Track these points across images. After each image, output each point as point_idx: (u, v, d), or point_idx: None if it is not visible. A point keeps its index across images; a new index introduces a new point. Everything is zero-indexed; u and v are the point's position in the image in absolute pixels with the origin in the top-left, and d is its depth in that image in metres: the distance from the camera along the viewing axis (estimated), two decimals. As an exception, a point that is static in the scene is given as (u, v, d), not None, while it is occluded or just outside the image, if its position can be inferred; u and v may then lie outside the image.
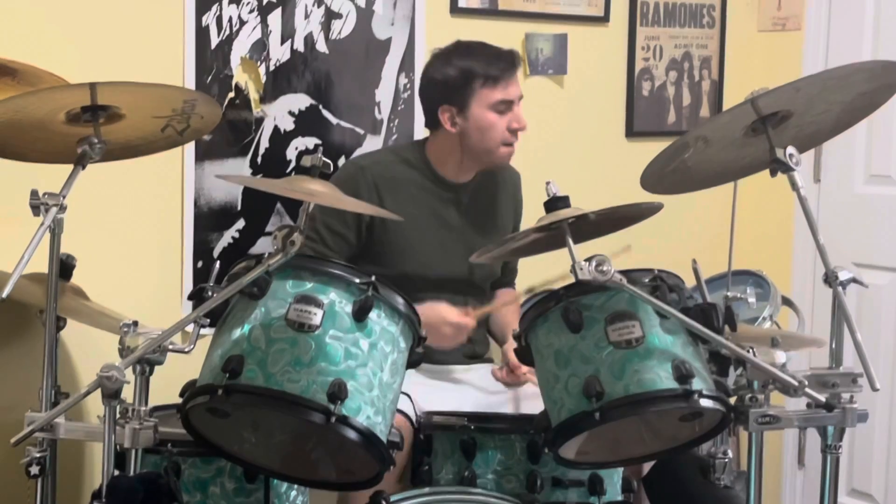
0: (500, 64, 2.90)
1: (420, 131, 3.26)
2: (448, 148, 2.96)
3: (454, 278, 2.95)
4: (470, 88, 2.88)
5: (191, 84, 3.03)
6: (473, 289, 3.01)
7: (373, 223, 2.91)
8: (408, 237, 2.88)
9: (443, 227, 2.97)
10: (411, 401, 2.57)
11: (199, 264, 3.10)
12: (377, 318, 2.15)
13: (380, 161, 3.01)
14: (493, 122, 2.90)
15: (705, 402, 2.14)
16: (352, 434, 2.07)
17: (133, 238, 3.01)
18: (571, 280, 2.14)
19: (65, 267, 2.45)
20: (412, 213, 2.85)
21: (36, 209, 2.16)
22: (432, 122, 2.98)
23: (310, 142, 3.24)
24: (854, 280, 2.26)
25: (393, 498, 2.34)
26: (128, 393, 2.07)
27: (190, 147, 3.03)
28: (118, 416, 2.08)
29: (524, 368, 2.81)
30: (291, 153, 3.21)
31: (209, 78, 3.07)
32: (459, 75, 2.89)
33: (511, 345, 2.86)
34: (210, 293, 2.12)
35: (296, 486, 2.47)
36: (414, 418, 2.56)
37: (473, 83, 2.88)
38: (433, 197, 2.98)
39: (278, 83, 3.18)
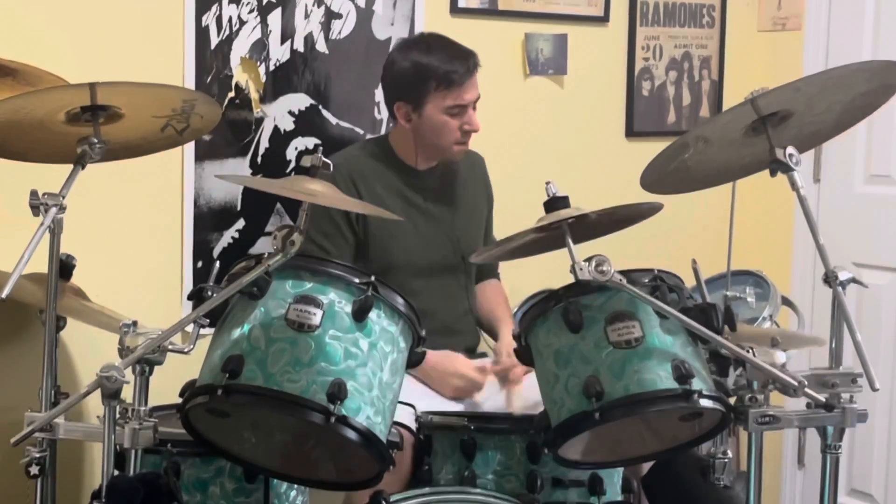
0: (457, 67, 2.88)
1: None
2: (407, 139, 2.98)
3: (439, 263, 2.97)
4: (425, 88, 2.88)
5: (191, 84, 3.03)
6: (460, 272, 3.02)
7: (358, 218, 2.91)
8: (388, 228, 2.88)
9: (418, 214, 2.98)
10: (414, 410, 2.56)
11: (199, 264, 3.10)
12: (377, 317, 2.15)
13: (350, 157, 3.02)
14: (446, 123, 2.90)
15: (705, 402, 2.14)
16: (351, 434, 2.07)
17: (133, 238, 3.01)
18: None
19: (65, 267, 2.45)
20: (389, 203, 2.87)
21: (36, 209, 2.16)
22: (392, 114, 3.00)
23: (309, 142, 3.24)
24: (854, 280, 2.25)
25: (393, 498, 2.34)
26: (128, 393, 2.07)
27: (190, 147, 3.03)
28: (118, 416, 2.08)
29: (519, 371, 2.80)
30: (291, 153, 3.21)
31: (209, 78, 3.07)
32: (416, 74, 2.89)
33: (503, 345, 2.87)
34: (210, 293, 2.12)
35: (296, 486, 2.47)
36: (414, 428, 2.55)
37: (429, 83, 2.88)
38: (403, 185, 2.99)
39: (278, 83, 3.18)
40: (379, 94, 3.31)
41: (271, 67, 3.16)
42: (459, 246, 2.98)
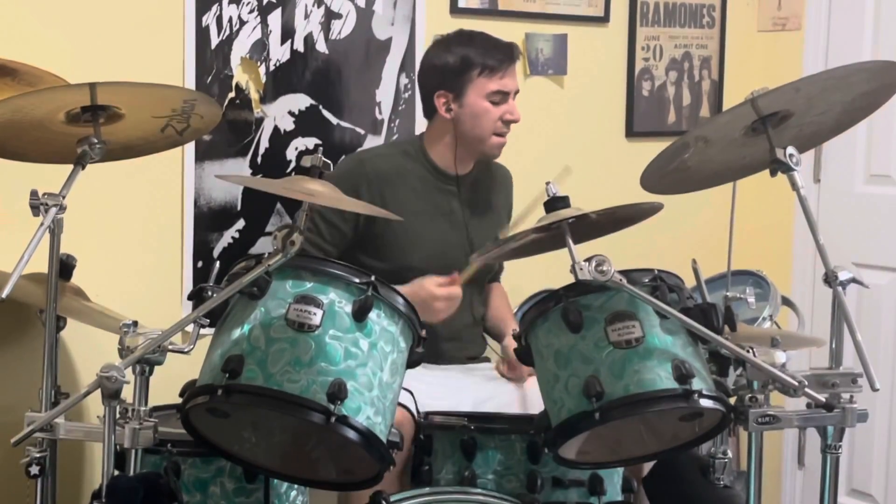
0: (498, 55, 2.93)
1: (420, 131, 3.26)
2: (443, 136, 2.98)
3: (456, 269, 2.95)
4: (467, 76, 2.91)
5: (191, 84, 3.03)
6: (474, 280, 3.02)
7: (373, 216, 2.91)
8: (409, 229, 2.88)
9: (443, 219, 2.98)
10: (413, 396, 2.56)
11: (199, 264, 3.10)
12: (377, 317, 2.15)
13: (379, 154, 3.05)
14: (487, 111, 2.92)
15: (705, 402, 2.14)
16: (352, 434, 2.07)
17: (133, 238, 3.01)
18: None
19: (65, 267, 2.45)
20: (413, 205, 2.87)
21: (36, 209, 2.16)
22: (429, 110, 3.01)
23: (310, 142, 3.24)
24: (854, 280, 2.26)
25: (393, 498, 2.34)
26: (128, 393, 2.07)
27: (190, 147, 3.03)
28: (118, 416, 2.08)
29: (526, 369, 2.81)
30: (291, 153, 3.22)
31: (209, 78, 3.07)
32: (458, 62, 2.93)
33: (511, 341, 2.87)
34: (210, 293, 2.12)
35: (296, 486, 2.47)
36: (416, 412, 2.55)
37: (471, 71, 2.91)
38: (432, 188, 2.99)
39: (278, 83, 3.18)
40: (380, 94, 3.31)
41: (271, 67, 3.16)
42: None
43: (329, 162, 2.13)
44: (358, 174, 2.91)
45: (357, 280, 2.15)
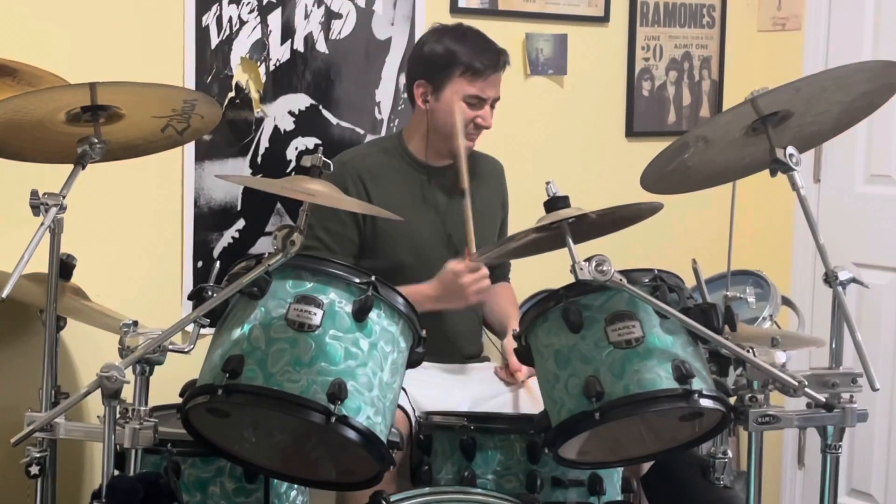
0: (485, 59, 2.92)
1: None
2: (420, 127, 2.99)
3: (441, 261, 2.95)
4: (449, 73, 2.91)
5: (191, 84, 3.03)
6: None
7: (366, 216, 2.91)
8: (398, 226, 2.87)
9: (430, 211, 2.98)
10: (408, 396, 2.56)
11: (199, 264, 3.10)
12: (377, 317, 2.15)
13: (359, 153, 3.04)
14: (461, 111, 2.91)
15: (705, 402, 2.14)
16: (352, 434, 2.07)
17: (133, 238, 3.01)
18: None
19: (65, 267, 2.45)
20: (399, 200, 2.86)
21: (36, 209, 2.16)
22: (411, 96, 3.01)
23: (310, 142, 3.24)
24: (854, 280, 2.26)
25: (393, 498, 2.34)
26: (128, 393, 2.07)
27: (190, 147, 3.03)
28: (118, 416, 2.08)
29: (524, 372, 2.80)
30: (291, 153, 3.22)
31: (209, 78, 3.07)
32: (443, 56, 2.92)
33: (511, 344, 2.86)
34: (210, 293, 2.12)
35: (296, 486, 2.47)
36: (412, 414, 2.56)
37: (453, 69, 2.90)
38: (416, 182, 2.99)
39: (278, 83, 3.18)
40: (379, 94, 3.31)
41: (271, 67, 3.16)
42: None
43: (329, 161, 2.12)
44: (344, 176, 2.89)
45: (357, 280, 2.15)
